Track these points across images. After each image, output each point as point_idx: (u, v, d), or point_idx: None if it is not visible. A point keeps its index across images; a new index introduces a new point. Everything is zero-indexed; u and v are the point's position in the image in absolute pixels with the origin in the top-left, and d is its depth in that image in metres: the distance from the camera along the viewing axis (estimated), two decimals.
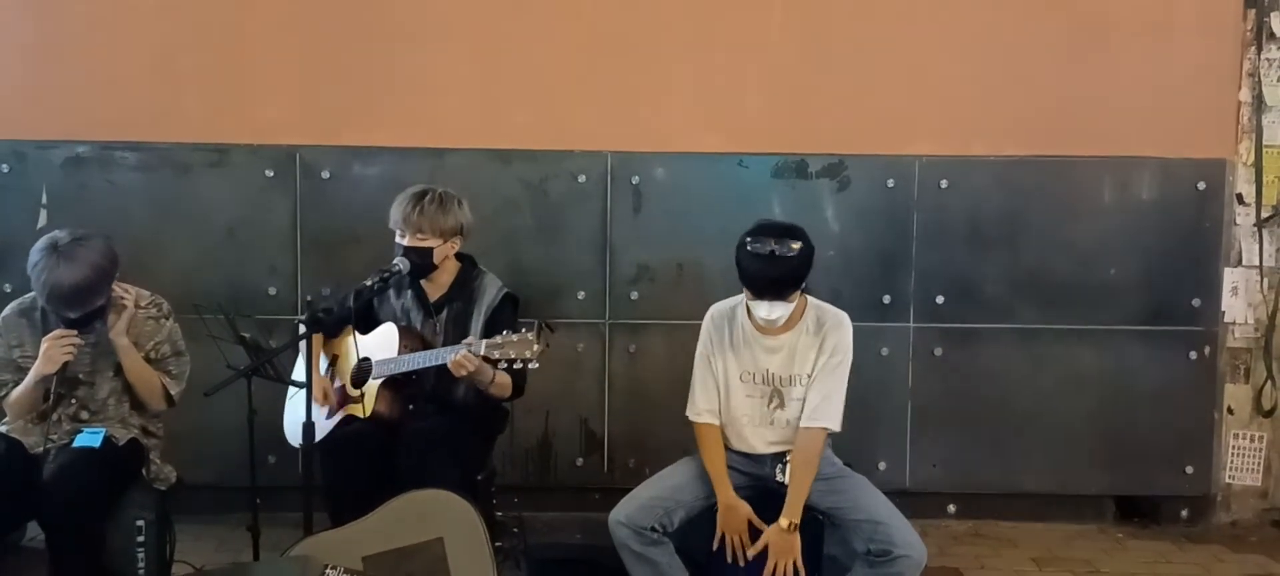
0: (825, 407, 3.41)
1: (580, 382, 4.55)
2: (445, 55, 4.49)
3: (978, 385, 4.57)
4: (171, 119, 4.47)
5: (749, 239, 3.32)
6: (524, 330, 3.39)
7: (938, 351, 4.56)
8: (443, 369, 3.52)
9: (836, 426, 3.43)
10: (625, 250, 4.53)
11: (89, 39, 4.46)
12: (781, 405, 3.47)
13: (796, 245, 3.30)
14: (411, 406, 3.66)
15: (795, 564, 3.28)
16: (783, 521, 3.30)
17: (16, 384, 3.48)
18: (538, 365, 3.41)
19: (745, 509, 3.35)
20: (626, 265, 4.53)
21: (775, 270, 3.29)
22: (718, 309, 3.56)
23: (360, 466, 3.50)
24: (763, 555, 3.32)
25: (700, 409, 3.50)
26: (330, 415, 3.69)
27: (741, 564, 3.32)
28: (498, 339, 3.40)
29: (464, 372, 3.44)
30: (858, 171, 4.52)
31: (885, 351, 4.53)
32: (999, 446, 4.60)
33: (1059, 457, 4.61)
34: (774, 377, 3.47)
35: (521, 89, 4.49)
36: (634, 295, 4.54)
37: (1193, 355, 4.57)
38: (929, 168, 4.52)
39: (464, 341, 3.47)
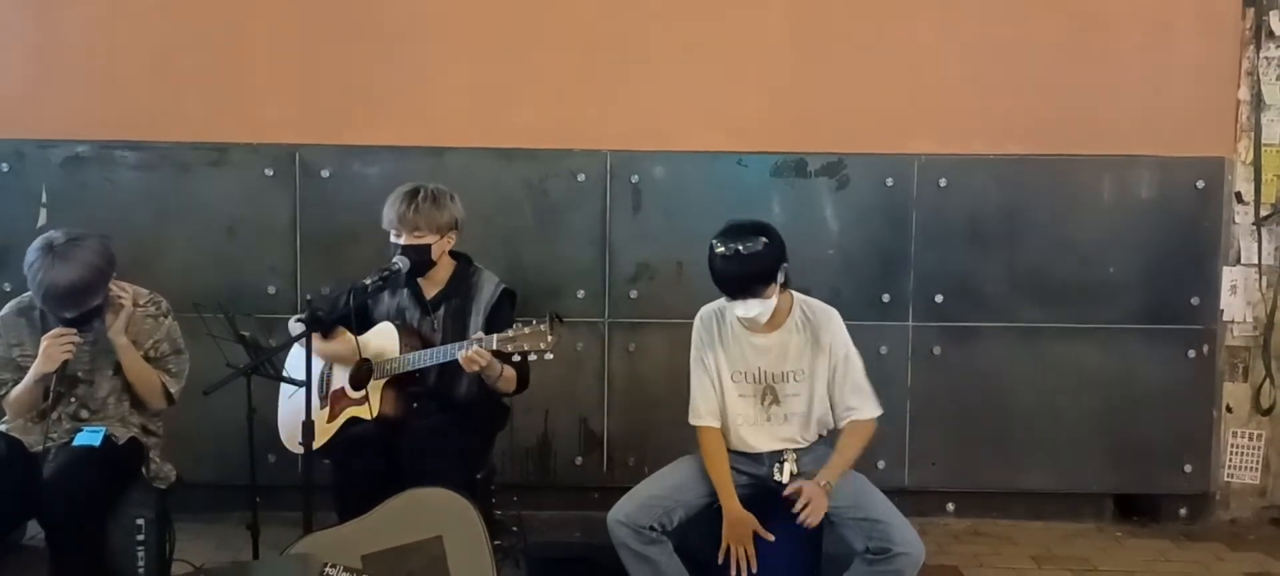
0: (858, 403, 3.44)
1: (580, 381, 4.55)
2: (444, 54, 4.50)
3: (977, 384, 4.58)
4: (171, 118, 4.48)
5: (715, 242, 3.34)
6: (536, 322, 3.39)
7: (937, 350, 4.57)
8: (445, 366, 3.53)
9: (877, 410, 3.45)
10: (625, 249, 4.53)
11: (89, 39, 4.47)
12: (776, 402, 3.47)
13: (762, 242, 3.31)
14: (415, 404, 3.66)
15: (814, 517, 3.27)
16: (820, 479, 3.31)
17: (16, 383, 3.48)
18: (552, 356, 3.40)
19: (751, 520, 3.33)
20: (626, 264, 4.54)
21: (743, 269, 3.30)
22: (706, 310, 3.57)
23: (369, 467, 3.50)
24: (766, 559, 3.32)
25: (701, 412, 3.50)
26: (323, 403, 3.68)
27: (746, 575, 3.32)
28: (509, 332, 3.39)
29: (475, 368, 3.44)
30: (857, 170, 4.52)
31: (884, 350, 4.53)
32: (998, 445, 4.61)
33: (1058, 456, 4.61)
34: (766, 375, 3.47)
35: (521, 88, 4.50)
36: (633, 294, 4.54)
37: (1191, 353, 4.57)
38: (928, 166, 4.52)
39: (474, 336, 3.47)
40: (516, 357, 3.41)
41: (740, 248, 3.29)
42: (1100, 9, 4.52)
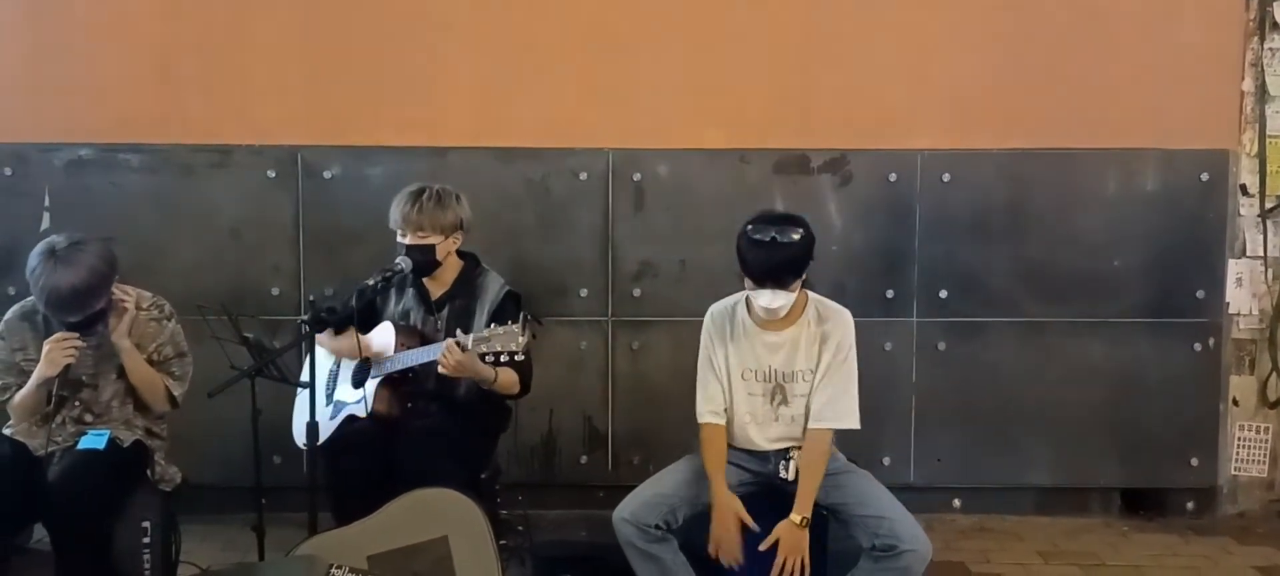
0: (833, 408, 3.41)
1: (584, 380, 4.55)
2: (446, 54, 4.49)
3: (982, 379, 4.57)
4: (173, 120, 4.48)
5: (750, 226, 3.33)
6: (510, 322, 3.40)
7: (941, 345, 4.56)
8: None
9: (852, 423, 3.42)
10: (627, 247, 4.53)
11: (91, 41, 4.47)
12: (784, 401, 3.46)
13: (797, 233, 3.30)
14: (410, 404, 3.66)
15: (803, 561, 3.27)
16: (794, 517, 3.29)
17: (20, 387, 3.48)
18: (524, 358, 3.40)
19: (736, 505, 3.33)
20: (629, 262, 4.53)
21: (776, 256, 3.29)
22: (717, 307, 3.56)
23: (363, 465, 3.50)
24: (768, 552, 3.31)
25: (704, 410, 3.49)
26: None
27: (732, 564, 3.31)
28: (484, 333, 3.40)
29: (446, 368, 3.43)
30: (859, 166, 4.52)
31: (889, 346, 4.53)
32: (1003, 440, 4.60)
33: (1064, 451, 4.60)
34: (776, 374, 3.46)
35: (522, 87, 4.49)
36: (636, 292, 4.54)
37: (1197, 347, 4.56)
38: (931, 161, 4.51)
39: (451, 338, 3.46)
40: (489, 358, 3.40)
41: (777, 235, 3.28)
42: (1102, 2, 4.50)
